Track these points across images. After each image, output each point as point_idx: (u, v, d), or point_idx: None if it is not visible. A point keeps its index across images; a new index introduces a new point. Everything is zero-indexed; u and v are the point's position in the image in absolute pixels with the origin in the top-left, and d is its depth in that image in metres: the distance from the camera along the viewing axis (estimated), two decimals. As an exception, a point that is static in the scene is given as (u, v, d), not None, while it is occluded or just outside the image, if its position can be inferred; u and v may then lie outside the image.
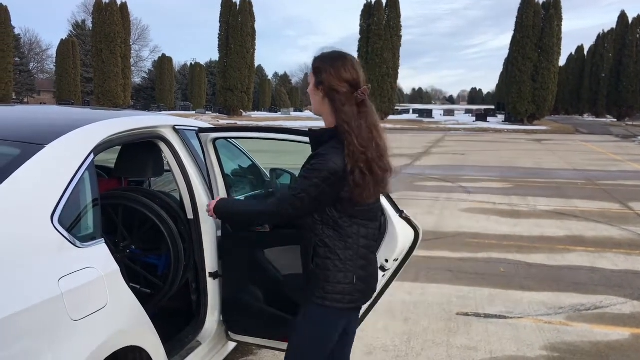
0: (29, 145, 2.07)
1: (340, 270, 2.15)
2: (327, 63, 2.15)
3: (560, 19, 42.59)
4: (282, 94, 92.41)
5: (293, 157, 2.69)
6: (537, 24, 42.19)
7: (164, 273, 3.03)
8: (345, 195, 2.09)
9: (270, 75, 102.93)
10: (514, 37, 43.62)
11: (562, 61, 52.32)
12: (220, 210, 2.34)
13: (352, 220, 2.16)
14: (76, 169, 2.09)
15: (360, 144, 2.05)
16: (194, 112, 57.25)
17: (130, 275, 2.69)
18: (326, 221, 2.15)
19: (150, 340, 2.22)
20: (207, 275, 2.95)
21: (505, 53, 54.44)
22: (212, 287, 2.97)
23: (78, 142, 2.21)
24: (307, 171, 2.10)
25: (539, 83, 42.50)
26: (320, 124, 2.24)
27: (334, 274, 2.15)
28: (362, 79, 2.15)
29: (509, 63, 46.04)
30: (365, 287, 2.24)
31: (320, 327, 2.23)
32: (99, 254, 2.08)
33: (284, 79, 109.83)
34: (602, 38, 64.10)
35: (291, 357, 2.33)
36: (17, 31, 63.44)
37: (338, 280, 2.16)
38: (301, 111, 74.88)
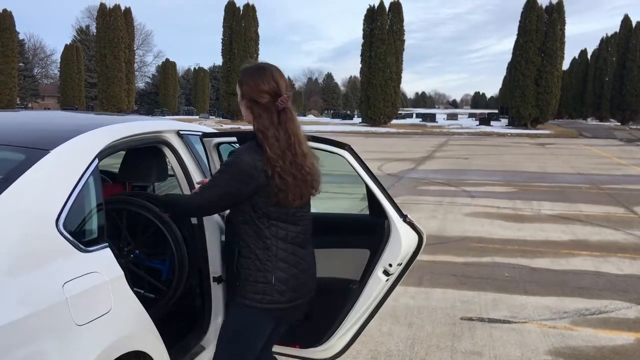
0: (33, 150, 2.07)
1: (260, 270, 2.26)
2: (247, 76, 2.30)
3: (563, 23, 42.54)
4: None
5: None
6: (540, 28, 42.18)
7: (167, 278, 3.03)
8: (274, 199, 2.21)
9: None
10: (517, 41, 43.61)
11: (565, 65, 52.35)
12: (163, 205, 2.52)
13: (270, 221, 2.26)
14: (80, 174, 2.09)
15: (274, 152, 2.18)
16: (197, 117, 57.34)
17: (134, 280, 2.69)
18: (247, 221, 2.27)
19: (154, 345, 2.22)
20: (211, 279, 2.96)
21: (508, 57, 54.44)
22: (216, 292, 2.97)
23: (82, 147, 2.21)
24: (221, 166, 2.30)
25: (543, 87, 42.43)
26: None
27: (254, 273, 2.26)
28: (283, 88, 2.26)
29: (512, 67, 45.99)
30: (286, 289, 2.28)
31: (241, 326, 2.33)
32: (103, 258, 2.08)
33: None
34: (605, 42, 64.01)
35: (216, 356, 2.43)
36: (21, 36, 63.70)
37: (257, 280, 2.26)
38: (304, 115, 74.92)
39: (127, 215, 2.96)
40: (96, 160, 2.21)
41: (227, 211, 2.46)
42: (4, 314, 1.61)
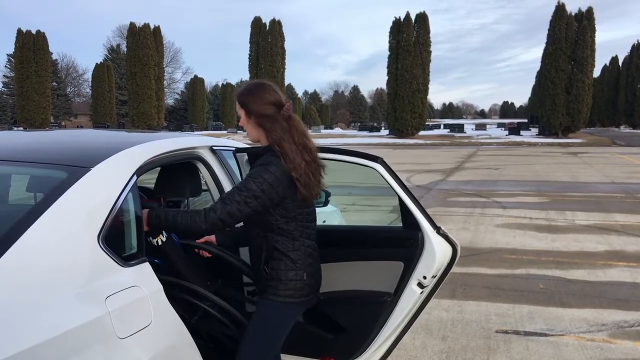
0: (75, 168, 2.13)
1: (291, 269, 2.43)
2: (250, 95, 2.45)
3: (593, 30, 41.96)
4: (312, 111, 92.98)
5: (329, 174, 2.72)
6: (569, 35, 41.67)
7: None
8: (298, 197, 2.37)
9: (300, 94, 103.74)
10: (546, 50, 43.15)
11: (596, 73, 51.40)
12: (153, 222, 2.36)
13: (297, 223, 2.44)
14: (120, 190, 2.14)
15: (293, 158, 2.34)
16: (225, 132, 57.98)
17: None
18: (273, 229, 2.42)
19: (193, 357, 2.25)
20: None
21: (536, 66, 53.78)
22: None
23: (122, 164, 2.27)
24: (253, 177, 2.33)
25: (573, 95, 41.84)
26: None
27: (285, 273, 2.43)
28: (283, 97, 2.48)
29: (541, 76, 45.42)
30: (314, 282, 2.52)
31: (276, 322, 2.47)
32: (143, 272, 2.12)
33: (313, 96, 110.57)
34: (636, 48, 62.97)
35: (247, 350, 2.48)
36: (54, 56, 65.50)
37: (289, 278, 2.43)
38: (331, 128, 75.13)
39: None
40: (135, 177, 2.27)
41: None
42: (48, 328, 1.65)
